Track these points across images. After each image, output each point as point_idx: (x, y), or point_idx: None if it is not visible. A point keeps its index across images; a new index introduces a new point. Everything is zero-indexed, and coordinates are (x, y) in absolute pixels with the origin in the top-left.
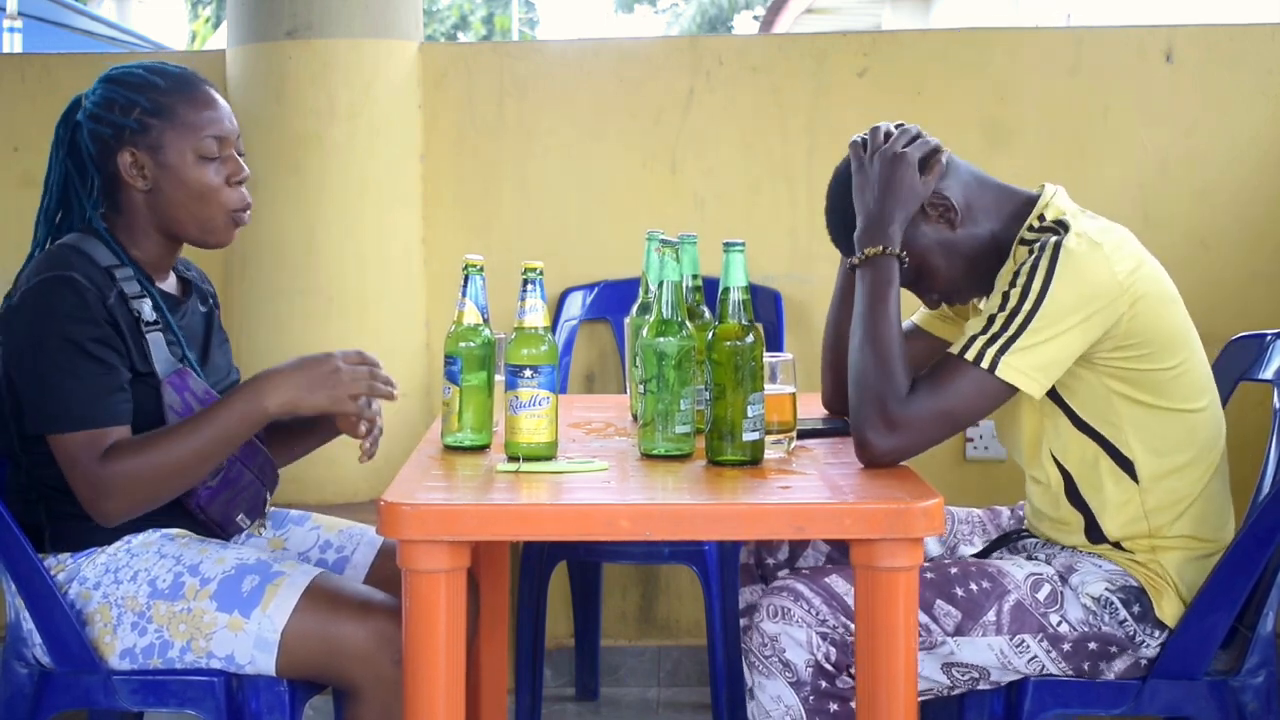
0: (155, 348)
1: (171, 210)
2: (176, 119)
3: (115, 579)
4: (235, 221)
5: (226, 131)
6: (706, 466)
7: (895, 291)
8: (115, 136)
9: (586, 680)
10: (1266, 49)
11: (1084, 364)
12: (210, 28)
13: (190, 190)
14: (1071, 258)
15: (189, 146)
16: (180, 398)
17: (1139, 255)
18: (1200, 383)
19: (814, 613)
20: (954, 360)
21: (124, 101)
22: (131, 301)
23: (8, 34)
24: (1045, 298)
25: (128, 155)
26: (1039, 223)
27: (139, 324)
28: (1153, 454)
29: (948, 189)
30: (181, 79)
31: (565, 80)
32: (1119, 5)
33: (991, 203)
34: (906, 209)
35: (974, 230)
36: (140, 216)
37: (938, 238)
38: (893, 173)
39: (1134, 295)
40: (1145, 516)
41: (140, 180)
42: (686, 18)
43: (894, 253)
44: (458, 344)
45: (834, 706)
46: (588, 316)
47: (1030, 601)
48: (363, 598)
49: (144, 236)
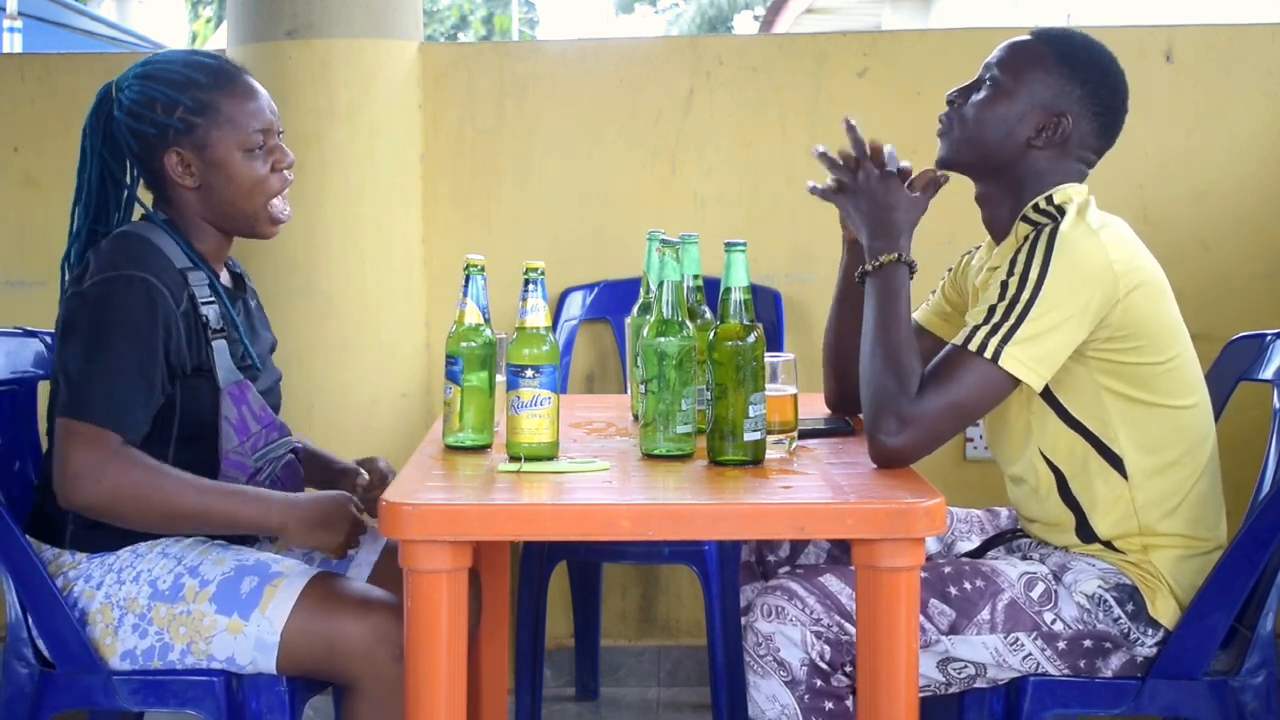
0: (219, 355)
1: (221, 205)
2: (221, 116)
3: (118, 579)
4: (276, 220)
5: (269, 121)
6: (708, 466)
7: (906, 298)
8: (160, 136)
9: (586, 680)
10: (1266, 49)
11: (1076, 358)
12: (210, 28)
13: (240, 185)
14: (1067, 244)
15: (235, 143)
16: (237, 410)
17: (1134, 246)
18: (1190, 380)
19: (809, 612)
20: (957, 352)
21: (166, 100)
22: (201, 307)
23: (8, 34)
24: (1043, 284)
25: (174, 155)
26: (1045, 204)
27: (206, 329)
28: (1142, 451)
29: (1074, 130)
30: (221, 73)
31: (565, 80)
32: (1119, 5)
33: (1057, 169)
34: (912, 220)
35: (1036, 155)
36: (192, 211)
37: (1019, 115)
38: (888, 190)
39: (1129, 283)
40: (1135, 514)
41: (189, 179)
42: (686, 18)
43: (906, 260)
44: (459, 344)
45: (829, 705)
46: (588, 316)
47: (1024, 600)
48: (362, 595)
49: (200, 231)
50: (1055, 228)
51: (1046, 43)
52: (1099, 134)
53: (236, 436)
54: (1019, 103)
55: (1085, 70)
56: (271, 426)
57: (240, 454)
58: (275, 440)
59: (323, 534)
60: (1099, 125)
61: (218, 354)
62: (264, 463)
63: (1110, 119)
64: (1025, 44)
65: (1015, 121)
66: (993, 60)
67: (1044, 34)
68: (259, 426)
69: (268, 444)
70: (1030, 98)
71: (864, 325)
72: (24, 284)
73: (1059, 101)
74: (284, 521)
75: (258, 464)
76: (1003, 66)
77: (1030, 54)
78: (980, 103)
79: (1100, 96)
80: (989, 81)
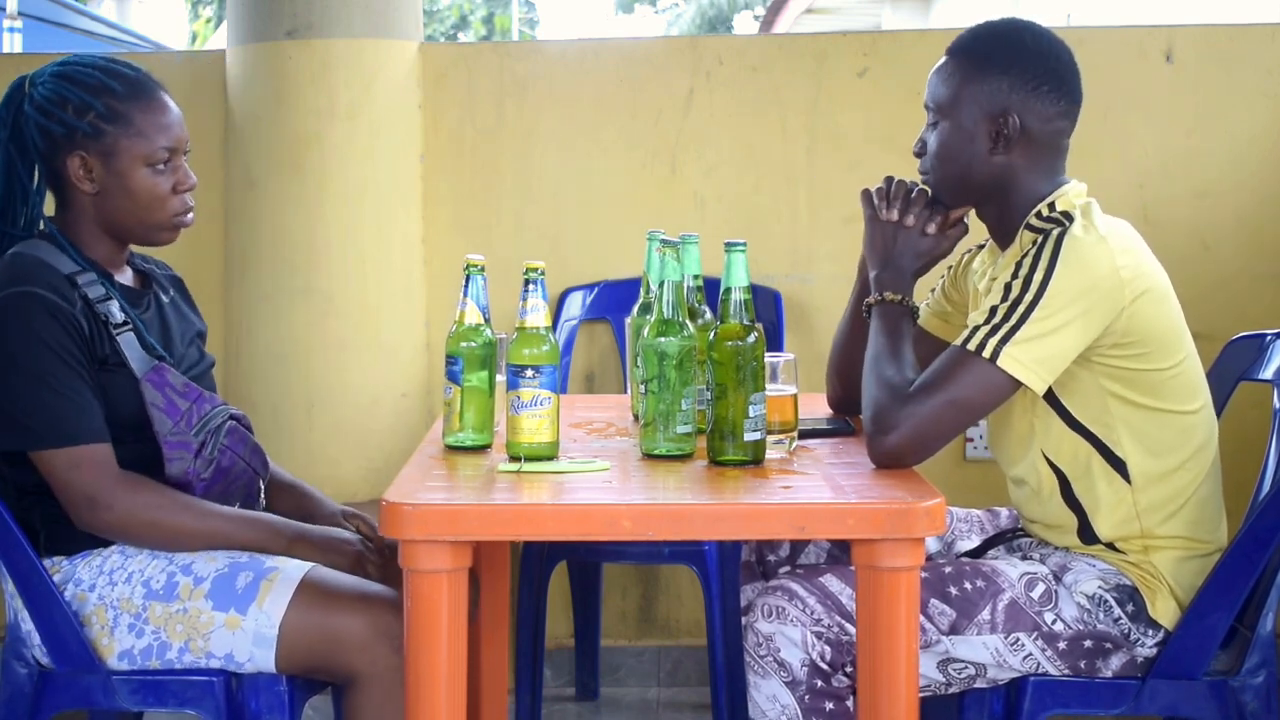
0: (128, 348)
1: (117, 214)
2: (131, 127)
3: (110, 581)
4: (178, 225)
5: (177, 140)
6: (708, 466)
7: (907, 337)
8: (67, 137)
9: (586, 680)
10: (1266, 49)
11: (1081, 363)
12: (210, 28)
13: (138, 198)
14: (1075, 248)
15: (141, 155)
16: (161, 394)
17: (1140, 251)
18: (1195, 384)
19: (809, 612)
20: (957, 352)
21: (78, 103)
22: (97, 306)
23: (8, 34)
24: (1047, 287)
25: (77, 159)
26: (1048, 211)
27: (108, 326)
28: (1146, 455)
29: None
30: (138, 85)
31: (565, 80)
32: (1119, 5)
33: (1035, 162)
34: (917, 268)
35: (1002, 161)
36: (86, 216)
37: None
38: (904, 238)
39: (1135, 290)
40: (1138, 516)
41: (88, 183)
42: (686, 18)
43: (910, 305)
44: (459, 344)
45: (830, 705)
46: (588, 316)
47: (1025, 600)
48: (359, 589)
49: (93, 236)
50: (1064, 231)
51: (955, 55)
52: (1052, 104)
53: (169, 419)
54: (963, 124)
55: (999, 60)
56: (200, 399)
57: (179, 433)
58: (209, 411)
59: (335, 558)
60: (1047, 98)
61: (126, 347)
62: (205, 435)
63: (1053, 84)
64: (941, 67)
65: (969, 143)
66: (926, 97)
67: (952, 48)
68: (187, 403)
69: (202, 417)
70: (969, 114)
71: (867, 351)
72: None
73: (994, 102)
74: (298, 544)
75: (200, 438)
76: (935, 99)
77: (947, 74)
78: (935, 144)
79: (1029, 74)
80: (930, 119)
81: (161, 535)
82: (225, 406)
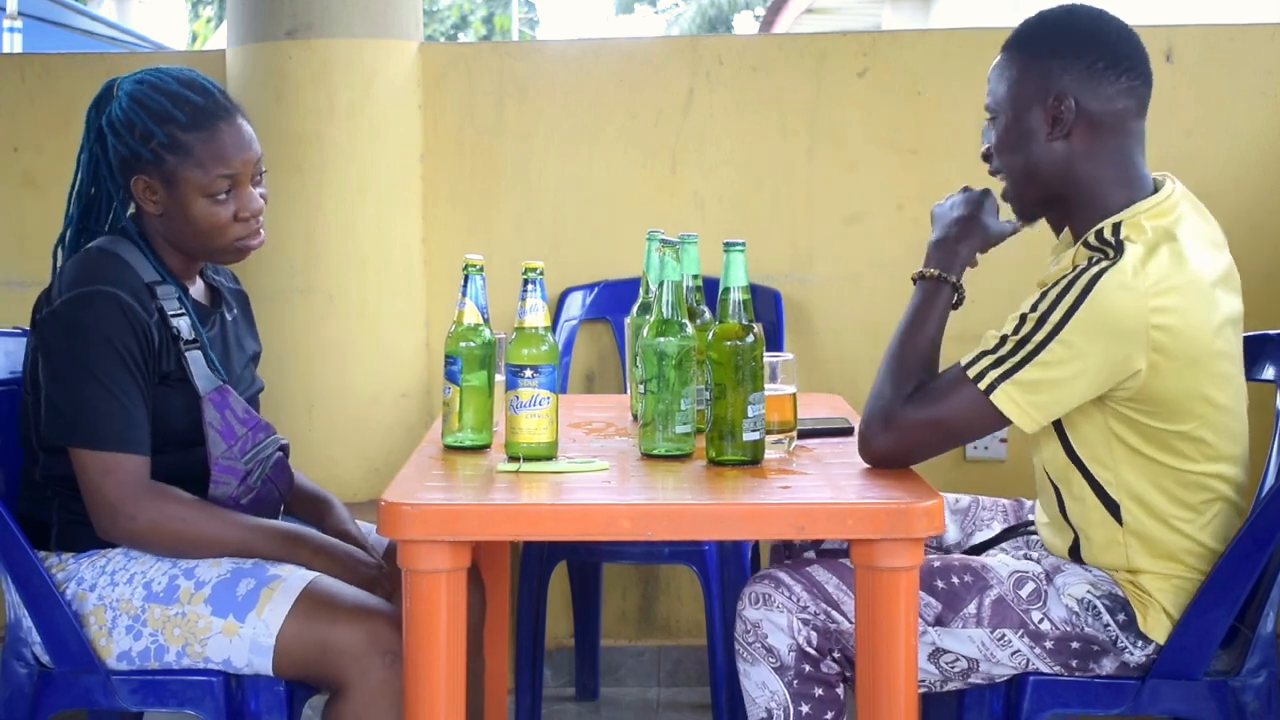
0: (195, 365)
1: (180, 236)
2: (191, 158)
3: (111, 581)
4: (242, 250)
5: (237, 169)
6: (707, 466)
7: (941, 315)
8: (133, 158)
9: (586, 680)
10: (1266, 49)
11: (1093, 400)
12: (210, 28)
13: (198, 226)
14: (1106, 292)
15: (198, 187)
16: (220, 415)
17: (1200, 300)
18: (1218, 447)
19: (794, 599)
20: (957, 372)
21: (143, 129)
22: (171, 320)
23: (8, 34)
24: (1062, 330)
25: (142, 182)
26: (1110, 232)
27: (178, 342)
28: (1142, 506)
29: (1079, 102)
30: (202, 113)
31: (565, 80)
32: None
33: (1099, 148)
34: (974, 246)
35: (1063, 148)
36: (156, 232)
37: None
38: (974, 212)
39: (1162, 350)
40: (1127, 556)
41: (152, 205)
42: (686, 18)
43: (953, 283)
44: (458, 344)
45: (819, 691)
46: (588, 316)
47: (1012, 597)
48: (358, 601)
49: (163, 249)
50: (1105, 268)
51: (1008, 48)
52: (1110, 83)
53: (224, 442)
54: (1022, 116)
55: (1049, 43)
56: (257, 428)
57: (230, 459)
58: (262, 441)
59: (352, 576)
60: (1103, 76)
61: (193, 364)
62: (254, 464)
63: (1109, 61)
64: (995, 64)
65: (1032, 134)
66: (986, 97)
67: (1005, 42)
68: (245, 429)
69: (255, 445)
70: (1026, 105)
71: (897, 325)
72: (23, 284)
73: (1046, 86)
74: (313, 557)
75: (248, 466)
76: (992, 95)
77: (1002, 69)
78: (996, 139)
79: (1082, 54)
80: (991, 119)
81: (183, 545)
82: (276, 437)
